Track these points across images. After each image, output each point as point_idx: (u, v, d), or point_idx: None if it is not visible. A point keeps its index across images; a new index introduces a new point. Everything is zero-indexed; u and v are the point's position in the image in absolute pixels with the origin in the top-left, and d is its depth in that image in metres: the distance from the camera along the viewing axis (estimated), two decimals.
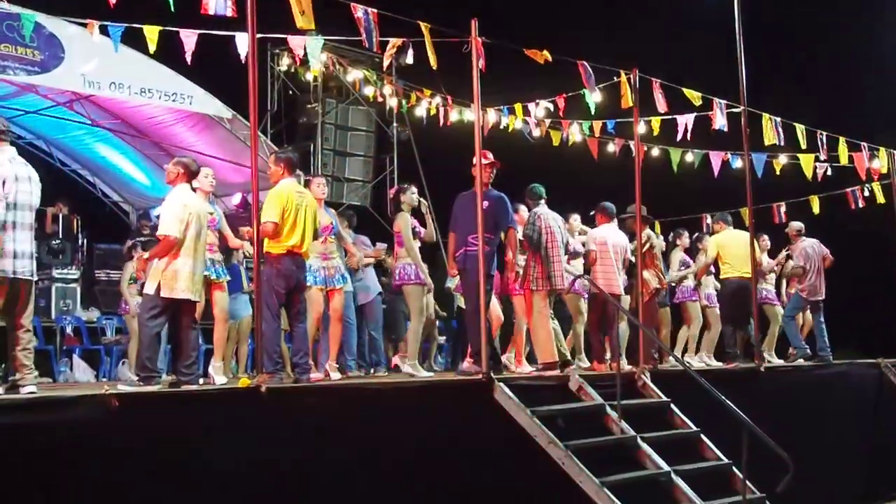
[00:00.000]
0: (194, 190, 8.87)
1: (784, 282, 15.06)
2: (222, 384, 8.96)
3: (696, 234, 14.32)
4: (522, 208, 11.31)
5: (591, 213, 12.09)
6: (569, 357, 11.18)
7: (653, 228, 12.79)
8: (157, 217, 9.04)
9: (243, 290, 11.64)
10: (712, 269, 13.61)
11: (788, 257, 14.32)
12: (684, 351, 13.40)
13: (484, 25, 9.23)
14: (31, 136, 18.11)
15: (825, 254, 13.93)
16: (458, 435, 8.33)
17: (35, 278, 7.49)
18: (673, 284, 13.28)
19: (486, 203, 9.45)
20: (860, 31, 21.22)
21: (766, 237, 14.31)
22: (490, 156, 9.92)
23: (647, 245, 11.88)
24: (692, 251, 13.81)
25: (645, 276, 11.73)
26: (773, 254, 14.54)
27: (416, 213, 10.72)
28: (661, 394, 10.01)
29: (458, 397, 8.94)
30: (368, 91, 17.33)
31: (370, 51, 9.28)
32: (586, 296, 11.79)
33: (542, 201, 10.95)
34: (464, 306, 10.93)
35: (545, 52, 10.03)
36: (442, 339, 14.73)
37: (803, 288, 13.84)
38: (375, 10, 8.63)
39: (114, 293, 14.16)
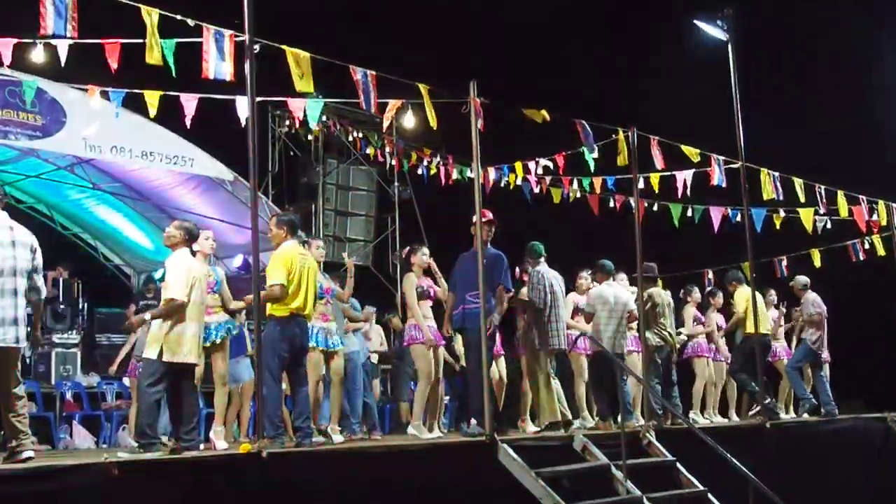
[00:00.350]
0: (194, 253, 8.88)
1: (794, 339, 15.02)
2: (223, 449, 8.89)
3: (710, 289, 14.33)
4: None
5: (589, 272, 12.07)
6: (570, 417, 11.07)
7: (656, 285, 12.73)
8: (160, 280, 9.03)
9: (247, 353, 11.59)
10: (721, 325, 13.63)
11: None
12: (691, 407, 13.33)
13: (483, 84, 9.29)
14: (31, 200, 18.14)
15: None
16: (463, 498, 8.25)
17: (22, 345, 7.30)
18: (685, 339, 13.27)
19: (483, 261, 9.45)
20: (856, 86, 21.39)
21: (772, 291, 14.30)
22: (489, 214, 9.93)
23: (649, 303, 11.83)
24: (703, 306, 13.78)
25: (646, 335, 11.67)
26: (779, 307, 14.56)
27: (428, 273, 10.69)
28: (666, 452, 9.93)
29: (462, 459, 8.86)
30: (369, 151, 17.40)
31: (370, 111, 9.30)
32: (588, 353, 11.72)
33: (542, 259, 10.91)
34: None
35: (543, 112, 10.07)
36: (446, 398, 14.66)
37: (814, 340, 13.78)
38: (374, 73, 8.68)
39: (115, 358, 14.07)
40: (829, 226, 14.79)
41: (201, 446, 8.82)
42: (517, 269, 11.34)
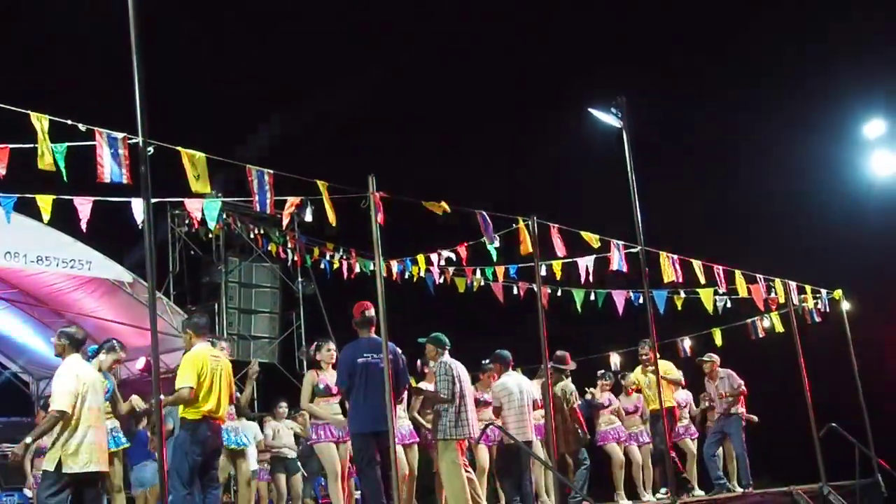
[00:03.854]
0: (90, 359, 8.72)
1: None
2: None
3: (622, 373, 14.50)
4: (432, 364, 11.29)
5: (486, 361, 12.11)
6: None
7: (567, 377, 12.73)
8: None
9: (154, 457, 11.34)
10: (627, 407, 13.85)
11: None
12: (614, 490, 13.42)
13: (382, 177, 9.33)
14: None
15: None
16: None
17: None
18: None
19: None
20: (751, 167, 22.08)
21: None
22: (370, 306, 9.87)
23: (570, 398, 11.96)
24: (616, 389, 13.98)
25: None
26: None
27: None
28: None
29: None
30: (271, 247, 17.33)
31: (266, 211, 9.27)
32: (492, 444, 11.73)
33: (446, 350, 10.89)
34: None
35: (443, 204, 10.12)
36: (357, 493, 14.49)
37: (742, 411, 14.02)
38: (271, 171, 8.67)
39: (17, 468, 13.64)
40: (728, 305, 15.06)
41: None
42: (418, 362, 11.34)
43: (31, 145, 7.48)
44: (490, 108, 25.95)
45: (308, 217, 9.44)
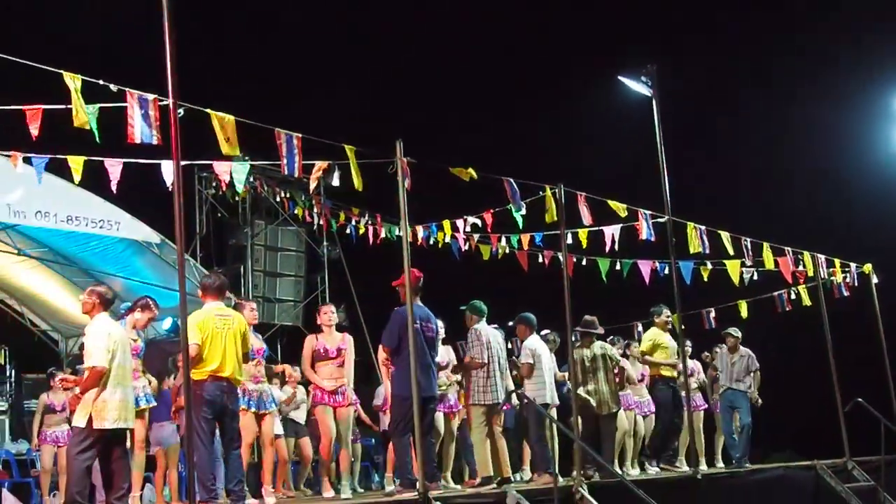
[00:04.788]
0: (123, 318, 8.81)
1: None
2: None
3: (627, 342, 14.46)
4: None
5: (511, 323, 12.15)
6: (508, 473, 11.02)
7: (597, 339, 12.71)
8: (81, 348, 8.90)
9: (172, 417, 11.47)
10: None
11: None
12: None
13: (410, 143, 9.33)
14: None
15: None
16: None
17: None
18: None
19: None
20: (781, 140, 21.93)
21: (688, 342, 14.39)
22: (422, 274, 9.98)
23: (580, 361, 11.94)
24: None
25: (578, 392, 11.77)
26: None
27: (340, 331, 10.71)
28: None
29: None
30: (297, 211, 17.37)
31: (294, 175, 9.29)
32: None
33: (483, 318, 10.96)
34: None
35: (470, 170, 10.12)
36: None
37: (751, 388, 14.03)
38: (300, 135, 8.68)
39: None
40: (755, 277, 14.99)
41: None
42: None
43: (64, 106, 7.52)
44: (520, 75, 25.85)
45: (335, 182, 9.45)
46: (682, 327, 12.87)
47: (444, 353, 11.72)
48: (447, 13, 25.64)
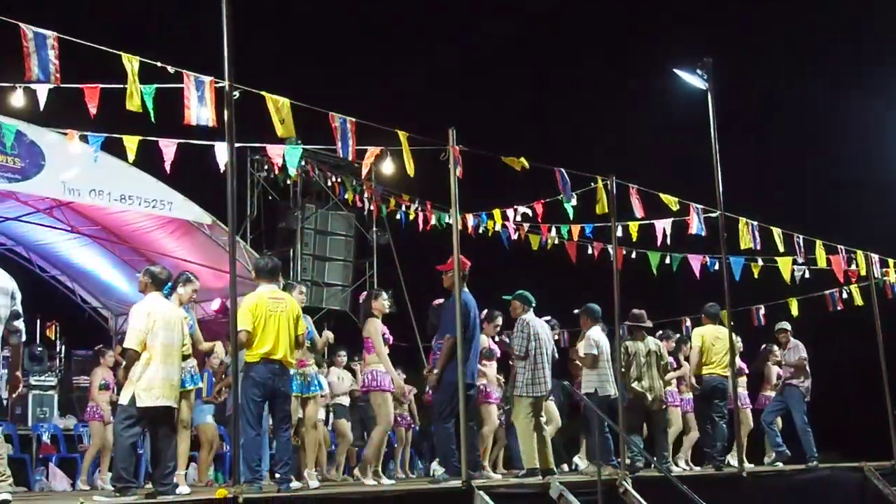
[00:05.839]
0: (168, 296, 8.86)
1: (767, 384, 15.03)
2: (186, 494, 8.80)
3: (679, 336, 14.35)
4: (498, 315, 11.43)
5: (576, 312, 12.08)
6: (551, 465, 10.99)
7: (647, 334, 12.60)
8: None
9: (203, 398, 11.57)
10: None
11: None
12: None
13: (462, 131, 9.32)
14: (10, 242, 18.06)
15: None
16: None
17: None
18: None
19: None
20: (834, 137, 21.67)
21: (738, 339, 14.25)
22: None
23: (624, 355, 11.83)
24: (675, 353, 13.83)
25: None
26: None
27: (388, 318, 10.62)
28: (642, 500, 9.88)
29: None
30: (347, 196, 17.42)
31: (347, 158, 9.30)
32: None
33: (531, 309, 10.93)
34: None
35: (522, 160, 10.09)
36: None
37: (805, 384, 13.79)
38: (353, 119, 8.70)
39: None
40: (807, 275, 14.82)
41: (178, 490, 8.77)
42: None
43: (121, 86, 7.58)
44: (575, 66, 25.76)
45: (387, 167, 9.45)
46: (731, 323, 12.78)
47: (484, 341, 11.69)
48: (505, 2, 25.60)
